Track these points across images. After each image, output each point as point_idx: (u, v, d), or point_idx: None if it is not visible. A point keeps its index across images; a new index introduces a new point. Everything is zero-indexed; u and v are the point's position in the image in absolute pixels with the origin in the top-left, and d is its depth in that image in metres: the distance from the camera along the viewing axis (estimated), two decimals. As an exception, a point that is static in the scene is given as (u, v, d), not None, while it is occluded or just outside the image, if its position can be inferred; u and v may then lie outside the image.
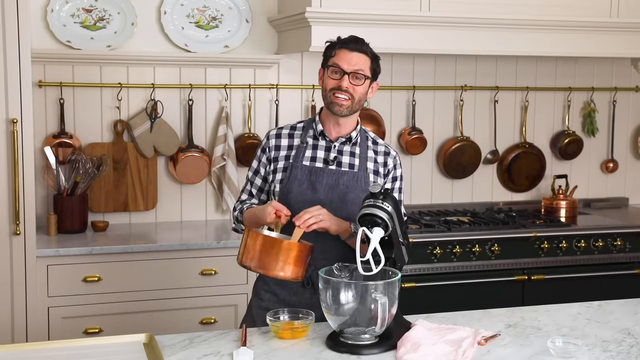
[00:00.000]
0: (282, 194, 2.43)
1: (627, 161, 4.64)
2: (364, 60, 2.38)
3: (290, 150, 2.47)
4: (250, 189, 2.56)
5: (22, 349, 2.07)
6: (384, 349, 2.06)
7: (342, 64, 2.36)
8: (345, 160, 2.45)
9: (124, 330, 3.12)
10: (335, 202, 2.39)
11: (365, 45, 2.40)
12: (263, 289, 2.52)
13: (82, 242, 3.39)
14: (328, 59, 2.41)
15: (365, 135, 2.52)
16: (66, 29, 3.65)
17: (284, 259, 2.14)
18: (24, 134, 3.12)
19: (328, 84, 2.39)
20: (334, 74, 2.38)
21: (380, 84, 2.51)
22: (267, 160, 2.51)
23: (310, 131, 2.49)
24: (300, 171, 2.43)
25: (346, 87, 2.35)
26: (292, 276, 2.16)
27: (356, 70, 2.36)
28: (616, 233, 3.87)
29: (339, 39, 2.43)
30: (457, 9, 3.67)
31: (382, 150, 2.51)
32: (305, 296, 2.42)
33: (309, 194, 2.40)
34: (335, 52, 2.39)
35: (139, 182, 3.78)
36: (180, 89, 3.85)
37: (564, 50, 3.93)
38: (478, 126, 4.33)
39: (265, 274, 2.19)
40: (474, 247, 3.66)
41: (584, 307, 2.51)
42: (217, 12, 3.86)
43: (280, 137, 2.51)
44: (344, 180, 2.42)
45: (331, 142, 2.46)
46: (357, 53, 2.37)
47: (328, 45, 2.44)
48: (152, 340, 2.09)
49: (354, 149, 2.47)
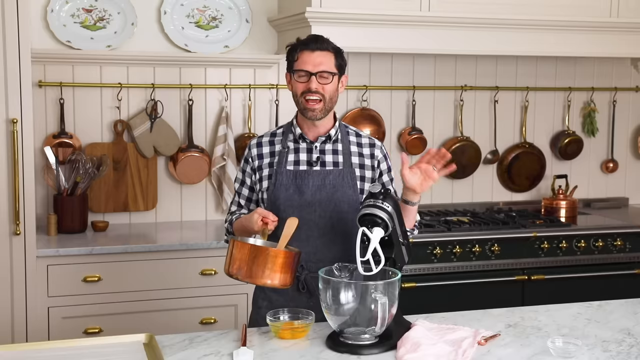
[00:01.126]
0: (270, 201, 2.43)
1: (627, 161, 4.64)
2: (327, 57, 2.37)
3: (273, 157, 2.47)
4: (238, 200, 2.57)
5: (22, 349, 2.06)
6: (384, 349, 2.06)
7: (306, 66, 2.36)
8: (329, 159, 2.44)
9: (124, 330, 3.11)
10: (323, 202, 2.39)
11: (326, 42, 2.40)
12: (260, 297, 2.52)
13: (82, 242, 3.39)
14: (292, 64, 2.41)
15: (345, 130, 2.51)
16: (66, 29, 3.65)
17: (271, 267, 2.12)
18: (24, 134, 3.12)
19: (297, 88, 2.40)
20: (301, 77, 2.38)
21: (380, 84, 2.51)
22: (251, 170, 2.51)
23: (290, 135, 2.49)
24: (285, 176, 2.42)
25: (315, 88, 2.36)
26: (281, 283, 2.15)
27: (321, 70, 2.36)
28: (616, 233, 3.87)
29: (298, 40, 2.43)
30: (457, 9, 3.67)
31: (367, 142, 2.50)
32: (302, 300, 2.41)
33: (296, 198, 2.40)
34: (297, 55, 2.39)
35: (139, 182, 3.78)
36: (180, 89, 3.85)
37: (564, 50, 3.94)
38: (478, 126, 4.33)
39: (253, 282, 2.17)
40: (474, 247, 3.66)
41: (584, 307, 2.51)
42: (217, 12, 3.86)
43: (261, 145, 2.51)
44: (330, 179, 2.41)
45: (312, 143, 2.45)
46: (319, 52, 2.37)
47: (289, 49, 2.44)
48: (152, 340, 2.09)
49: (335, 146, 2.46)
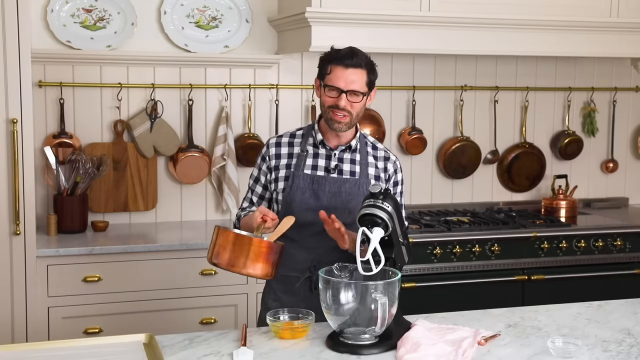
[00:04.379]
0: (285, 203, 2.45)
1: (627, 161, 4.64)
2: (359, 75, 2.34)
3: (291, 159, 2.48)
4: (251, 196, 2.58)
5: (22, 349, 2.07)
6: (384, 349, 2.06)
7: (338, 83, 2.34)
8: (346, 168, 2.46)
9: (124, 330, 3.12)
10: (338, 209, 2.40)
11: (360, 57, 2.36)
12: (270, 297, 2.54)
13: (82, 242, 3.39)
14: (324, 75, 2.38)
15: (364, 140, 2.52)
16: (66, 29, 3.65)
17: (253, 257, 2.14)
18: (24, 134, 3.12)
19: (326, 101, 2.38)
20: (331, 92, 2.36)
21: (380, 84, 2.51)
22: (267, 168, 2.52)
23: (310, 139, 2.49)
24: (303, 180, 2.44)
25: (344, 106, 2.34)
26: (262, 273, 2.16)
27: (353, 89, 2.34)
28: (616, 233, 3.87)
29: (333, 50, 2.39)
30: (457, 9, 3.67)
31: (382, 155, 2.52)
32: (314, 301, 2.39)
33: (312, 202, 2.42)
34: (330, 68, 2.36)
35: (139, 182, 3.78)
36: (180, 89, 3.85)
37: (564, 50, 3.93)
38: (478, 126, 4.33)
39: (234, 271, 2.18)
40: (474, 247, 3.66)
41: (584, 307, 2.51)
42: (217, 12, 3.86)
43: (280, 145, 2.52)
44: (346, 187, 2.43)
45: (331, 150, 2.46)
46: (352, 69, 2.33)
47: (323, 60, 2.40)
48: (152, 340, 2.09)
49: (354, 156, 2.47)
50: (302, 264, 2.46)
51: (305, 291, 2.44)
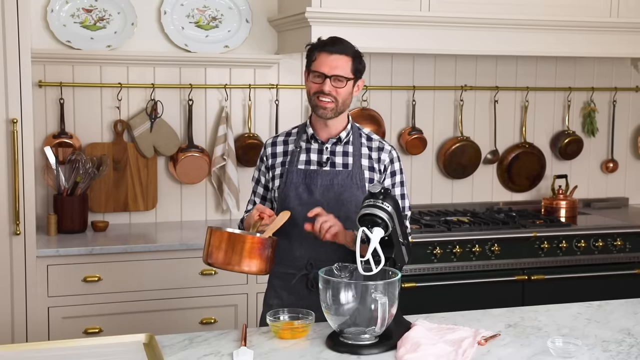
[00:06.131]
0: (281, 199, 2.48)
1: (627, 161, 4.64)
2: (344, 61, 2.38)
3: (286, 157, 2.52)
4: (254, 198, 2.62)
5: (22, 349, 2.07)
6: (384, 349, 2.06)
7: (322, 68, 2.38)
8: (339, 160, 2.47)
9: (124, 330, 3.12)
10: (331, 202, 2.42)
11: (345, 45, 2.41)
12: (272, 295, 2.55)
13: (82, 242, 3.39)
14: (310, 63, 2.43)
15: (358, 132, 2.53)
16: (66, 29, 3.65)
17: (246, 254, 2.17)
18: (24, 134, 3.12)
19: (311, 88, 2.42)
20: (316, 78, 2.40)
21: (380, 84, 2.52)
22: (265, 168, 2.56)
23: (303, 135, 2.52)
24: (296, 175, 2.46)
25: (328, 91, 2.37)
26: (257, 269, 2.20)
27: (337, 73, 2.37)
28: (616, 233, 3.87)
29: (319, 40, 2.44)
30: (457, 9, 3.67)
31: (376, 145, 2.52)
32: (312, 299, 2.40)
33: (305, 196, 2.44)
34: (315, 55, 2.41)
35: (139, 182, 3.78)
36: (180, 89, 3.85)
37: (564, 50, 3.93)
38: (478, 126, 4.33)
39: (230, 269, 2.21)
40: (474, 247, 3.66)
41: (584, 307, 2.51)
42: (217, 12, 3.86)
43: (275, 144, 2.56)
44: (339, 180, 2.44)
45: (323, 143, 2.48)
46: (336, 55, 2.38)
47: (309, 48, 2.45)
48: (152, 340, 2.09)
49: (346, 148, 2.49)
50: (299, 261, 2.47)
51: (303, 289, 2.45)
